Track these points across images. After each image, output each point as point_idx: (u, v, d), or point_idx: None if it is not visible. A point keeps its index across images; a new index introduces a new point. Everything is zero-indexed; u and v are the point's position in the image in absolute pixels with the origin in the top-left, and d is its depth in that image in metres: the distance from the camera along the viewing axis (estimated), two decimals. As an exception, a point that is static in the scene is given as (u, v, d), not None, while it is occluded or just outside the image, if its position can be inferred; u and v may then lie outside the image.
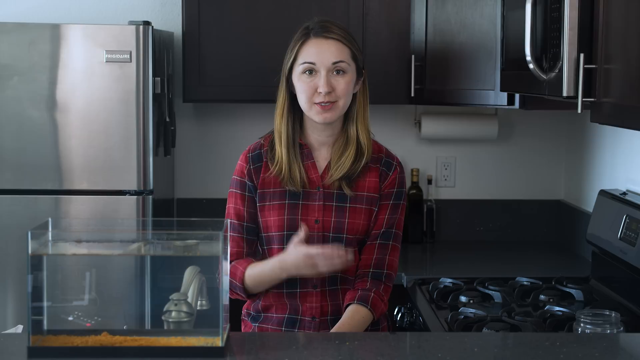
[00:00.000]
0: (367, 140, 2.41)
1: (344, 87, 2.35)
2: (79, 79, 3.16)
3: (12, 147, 3.18)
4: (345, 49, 2.36)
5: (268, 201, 2.40)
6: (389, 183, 2.42)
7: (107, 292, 2.15)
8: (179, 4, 3.62)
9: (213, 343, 1.87)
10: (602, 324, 2.17)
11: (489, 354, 1.95)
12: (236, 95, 3.51)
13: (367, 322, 2.34)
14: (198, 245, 1.96)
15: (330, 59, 2.34)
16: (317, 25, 2.38)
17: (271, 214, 2.38)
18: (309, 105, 2.35)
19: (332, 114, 2.35)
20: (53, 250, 1.92)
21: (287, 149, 2.39)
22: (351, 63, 2.37)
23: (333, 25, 2.39)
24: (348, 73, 2.36)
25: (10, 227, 3.19)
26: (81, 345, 1.86)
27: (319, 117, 2.35)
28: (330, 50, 2.35)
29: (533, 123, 3.86)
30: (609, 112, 2.08)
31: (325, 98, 2.33)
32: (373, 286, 2.36)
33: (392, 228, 2.42)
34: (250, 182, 2.41)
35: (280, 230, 2.37)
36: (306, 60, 2.35)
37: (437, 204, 3.84)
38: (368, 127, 2.43)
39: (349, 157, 2.39)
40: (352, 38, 2.40)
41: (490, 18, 3.17)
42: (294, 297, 2.37)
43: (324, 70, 2.34)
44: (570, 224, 3.70)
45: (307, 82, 2.35)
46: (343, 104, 2.36)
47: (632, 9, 1.97)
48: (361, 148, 2.40)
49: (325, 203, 2.38)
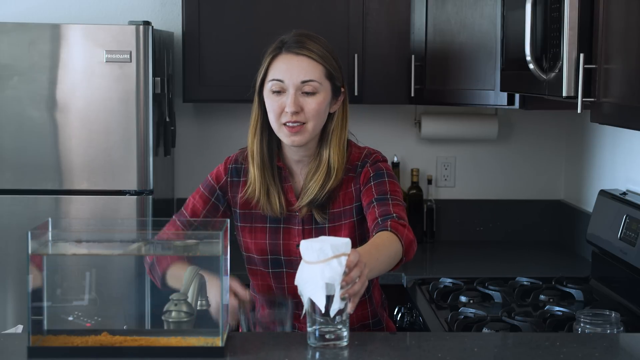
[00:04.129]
0: (338, 163, 2.25)
1: (313, 108, 2.20)
2: (79, 79, 3.16)
3: (12, 147, 3.19)
4: (317, 66, 2.21)
5: (249, 223, 2.31)
6: (363, 175, 2.28)
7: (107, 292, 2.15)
8: (179, 4, 3.62)
9: (213, 343, 1.87)
10: (602, 324, 2.17)
11: (489, 354, 1.95)
12: (236, 95, 3.47)
13: (393, 242, 2.09)
14: (198, 245, 1.96)
15: (300, 77, 2.19)
16: (291, 38, 2.24)
17: (253, 237, 2.31)
18: (278, 125, 2.21)
19: (301, 137, 2.20)
20: (53, 250, 1.92)
21: (260, 170, 2.26)
22: (324, 82, 2.21)
23: (309, 40, 2.24)
24: (320, 93, 2.20)
25: (10, 227, 3.19)
26: (81, 345, 1.86)
27: (287, 139, 2.21)
28: (300, 67, 2.20)
29: (533, 123, 3.86)
30: (609, 112, 2.08)
31: (293, 118, 2.18)
32: (388, 218, 2.17)
33: (387, 194, 2.23)
34: (221, 192, 2.31)
35: (263, 254, 2.30)
36: (274, 77, 2.21)
37: (437, 204, 3.84)
38: (344, 148, 2.27)
39: (317, 182, 2.24)
40: (329, 55, 2.24)
41: (490, 18, 3.17)
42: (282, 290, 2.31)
43: (292, 89, 2.19)
44: (570, 224, 3.70)
45: (275, 101, 2.21)
46: (313, 127, 2.21)
47: (632, 9, 1.97)
48: (330, 171, 2.25)
49: (305, 227, 2.28)
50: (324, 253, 1.85)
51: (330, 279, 1.84)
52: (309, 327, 1.89)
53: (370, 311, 2.37)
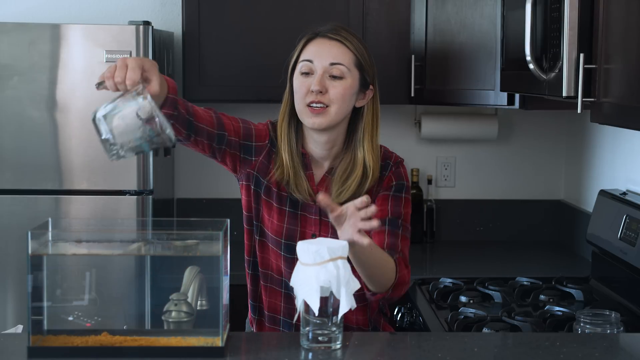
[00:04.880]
0: (373, 163, 2.26)
1: (339, 91, 2.21)
2: (79, 79, 3.16)
3: (12, 147, 3.18)
4: (348, 53, 2.24)
5: (271, 199, 2.30)
6: (386, 181, 2.32)
7: (107, 292, 2.15)
8: (179, 4, 3.62)
9: (213, 343, 1.87)
10: (602, 324, 2.17)
11: (489, 354, 1.95)
12: (236, 95, 3.51)
13: (390, 265, 2.19)
14: (198, 245, 1.96)
15: (329, 59, 2.22)
16: (327, 27, 2.27)
17: (271, 215, 2.30)
18: (302, 106, 2.22)
19: (323, 119, 2.21)
20: (53, 250, 1.92)
21: (289, 154, 2.26)
22: (352, 69, 2.24)
23: (345, 31, 2.27)
24: (346, 79, 2.22)
25: (10, 227, 3.19)
26: (81, 345, 1.86)
27: (308, 120, 2.22)
28: (331, 51, 2.23)
29: (533, 123, 3.86)
30: (609, 112, 2.08)
31: (317, 98, 2.19)
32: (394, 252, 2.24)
33: (399, 218, 2.30)
34: (256, 149, 2.27)
35: (278, 236, 2.29)
36: (305, 58, 2.24)
37: (437, 204, 3.84)
38: (377, 149, 2.29)
39: (355, 180, 2.25)
40: (362, 48, 2.26)
41: (490, 18, 3.17)
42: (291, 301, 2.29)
43: (320, 70, 2.21)
44: (570, 224, 3.70)
45: (303, 82, 2.23)
46: (336, 111, 2.21)
47: (632, 9, 1.97)
48: (367, 171, 2.26)
49: (322, 218, 2.27)
50: (320, 256, 1.85)
51: (325, 282, 1.84)
52: (302, 328, 1.89)
53: (368, 317, 2.37)
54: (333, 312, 1.87)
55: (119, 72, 1.90)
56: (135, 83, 1.90)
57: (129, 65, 1.90)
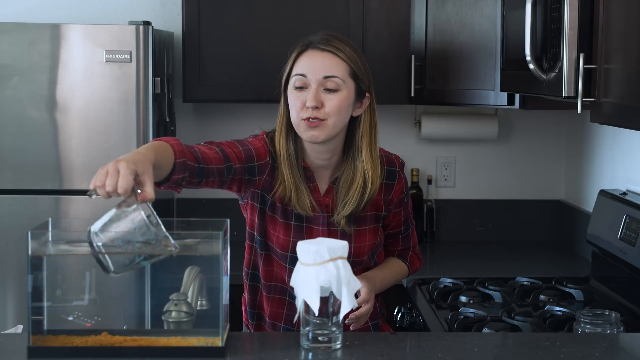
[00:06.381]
0: (372, 172, 2.25)
1: (335, 104, 2.17)
2: (79, 79, 3.16)
3: (12, 147, 3.18)
4: (342, 64, 2.19)
5: (276, 215, 2.28)
6: (397, 192, 2.34)
7: (107, 292, 2.15)
8: (179, 4, 3.62)
9: (213, 343, 1.87)
10: (602, 324, 2.17)
11: (489, 354, 1.95)
12: (236, 95, 3.51)
13: (403, 274, 2.45)
14: (198, 245, 1.95)
15: (322, 73, 2.17)
16: (319, 37, 2.23)
17: (276, 230, 2.28)
18: (298, 120, 2.19)
19: (320, 132, 2.17)
20: (53, 250, 1.92)
21: (289, 169, 2.23)
22: (347, 81, 2.19)
23: (336, 40, 2.22)
24: (342, 91, 2.18)
25: (10, 227, 3.19)
26: (81, 345, 1.86)
27: (306, 134, 2.19)
28: (324, 63, 2.18)
29: (533, 123, 3.86)
30: (609, 112, 2.08)
31: (313, 113, 2.16)
32: (408, 250, 2.48)
33: (409, 219, 2.45)
34: (259, 169, 2.22)
35: (284, 250, 2.28)
36: (298, 72, 2.20)
37: (437, 204, 3.84)
38: (377, 156, 2.27)
39: (357, 191, 2.24)
40: (356, 56, 2.23)
41: (490, 18, 3.17)
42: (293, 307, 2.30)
43: (315, 84, 2.17)
44: (570, 224, 3.70)
45: (297, 97, 2.19)
46: (333, 123, 2.18)
47: (632, 9, 1.97)
48: (366, 180, 2.25)
49: (330, 228, 2.27)
50: (320, 256, 1.85)
51: (325, 282, 1.84)
52: (302, 328, 1.89)
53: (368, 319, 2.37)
54: (333, 312, 1.87)
55: (109, 180, 1.77)
56: (128, 192, 1.78)
57: (121, 172, 1.77)
